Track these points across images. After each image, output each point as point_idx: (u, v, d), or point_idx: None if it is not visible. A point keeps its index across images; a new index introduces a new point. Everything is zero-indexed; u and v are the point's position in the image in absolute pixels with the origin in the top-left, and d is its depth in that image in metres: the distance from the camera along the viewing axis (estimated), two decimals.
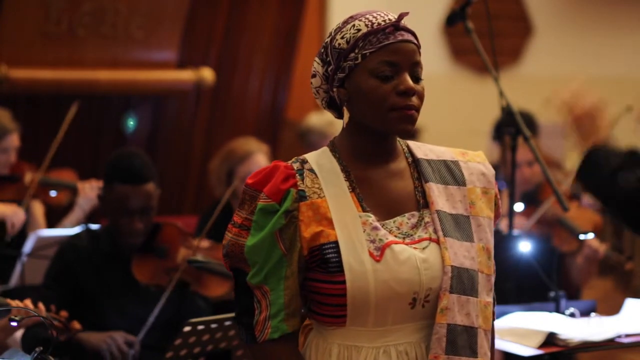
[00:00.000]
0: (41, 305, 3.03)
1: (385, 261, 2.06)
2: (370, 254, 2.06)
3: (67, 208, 4.74)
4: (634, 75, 8.77)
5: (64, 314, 3.16)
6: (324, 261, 2.06)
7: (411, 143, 2.22)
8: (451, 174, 2.19)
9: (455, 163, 2.20)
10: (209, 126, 6.22)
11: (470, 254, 2.12)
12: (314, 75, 2.18)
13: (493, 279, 2.17)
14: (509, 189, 3.85)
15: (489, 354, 2.14)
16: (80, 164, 5.26)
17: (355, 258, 2.05)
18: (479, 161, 2.23)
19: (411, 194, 2.15)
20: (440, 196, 2.14)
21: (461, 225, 2.14)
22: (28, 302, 2.94)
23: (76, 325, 3.18)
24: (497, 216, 2.22)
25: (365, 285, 2.04)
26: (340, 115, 2.20)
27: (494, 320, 2.19)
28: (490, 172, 2.23)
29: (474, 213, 2.16)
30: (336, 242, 2.06)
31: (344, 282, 2.05)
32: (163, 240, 3.72)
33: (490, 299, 2.15)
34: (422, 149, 2.21)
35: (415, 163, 2.18)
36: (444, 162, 2.20)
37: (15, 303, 2.86)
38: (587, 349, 3.19)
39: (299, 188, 2.10)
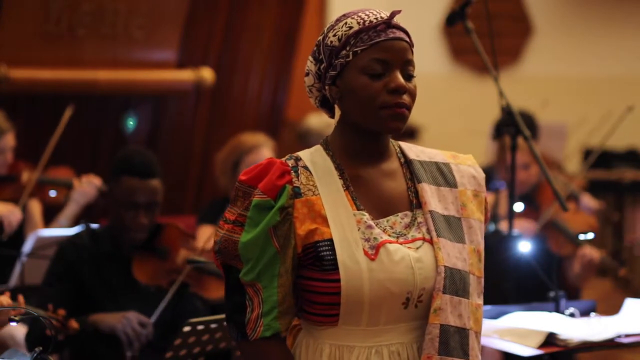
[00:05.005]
0: (20, 298, 3.04)
1: (380, 260, 2.05)
2: (365, 253, 2.05)
3: (64, 206, 4.73)
4: (634, 75, 8.77)
5: (61, 312, 3.16)
6: (318, 259, 2.05)
7: (403, 144, 2.21)
8: (443, 175, 2.19)
9: (447, 165, 2.21)
10: (208, 126, 6.23)
11: (462, 256, 2.12)
12: (307, 74, 2.17)
13: (483, 282, 2.17)
14: (509, 189, 3.84)
15: (479, 356, 2.14)
16: (79, 164, 5.26)
17: (350, 256, 2.04)
18: (470, 164, 2.24)
19: (404, 194, 2.15)
20: (432, 197, 2.14)
21: (453, 227, 2.14)
22: (2, 299, 2.94)
23: (73, 324, 3.18)
24: (486, 220, 2.22)
25: (359, 284, 2.03)
26: (333, 114, 2.19)
27: None
28: (481, 175, 2.23)
29: (465, 215, 2.16)
30: (331, 240, 2.05)
31: (338, 280, 2.03)
32: (164, 241, 3.72)
33: (481, 302, 2.15)
34: (414, 150, 2.21)
35: (407, 164, 2.18)
36: (436, 163, 2.20)
37: (6, 301, 2.86)
38: (587, 349, 3.18)
39: (294, 185, 2.08)
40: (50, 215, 4.78)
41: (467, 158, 2.25)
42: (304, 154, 2.16)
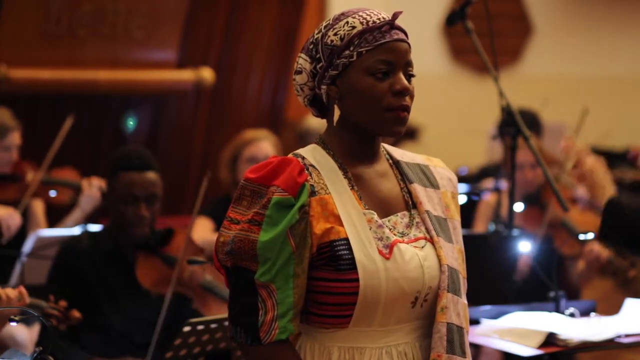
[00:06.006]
0: (22, 289, 3.06)
1: (394, 259, 2.04)
2: (380, 252, 2.04)
3: (69, 207, 4.74)
4: (634, 75, 8.77)
5: (62, 303, 3.17)
6: (333, 259, 2.02)
7: (386, 146, 2.22)
8: (426, 177, 2.20)
9: (427, 167, 2.22)
10: (208, 126, 6.23)
11: (454, 255, 2.14)
12: (299, 72, 2.14)
13: (466, 282, 2.17)
14: (509, 189, 3.84)
15: (470, 356, 2.15)
16: (80, 163, 5.26)
17: (366, 256, 2.03)
18: (443, 167, 2.25)
19: (399, 194, 2.15)
20: (424, 197, 2.15)
21: (443, 227, 2.15)
22: (10, 292, 2.95)
23: (75, 314, 3.18)
24: None
25: (377, 284, 2.02)
26: (320, 114, 2.18)
27: None
28: (454, 177, 2.25)
29: (449, 216, 2.18)
30: (347, 239, 2.03)
31: (356, 280, 2.01)
32: (173, 249, 3.69)
33: (466, 301, 2.16)
34: (398, 152, 2.22)
35: (396, 165, 2.19)
36: (418, 165, 2.21)
37: (13, 294, 2.89)
38: (587, 349, 3.18)
39: (310, 182, 2.06)
40: (52, 216, 4.79)
41: (438, 161, 2.27)
42: (305, 153, 2.13)
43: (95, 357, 3.47)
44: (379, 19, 2.09)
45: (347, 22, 2.09)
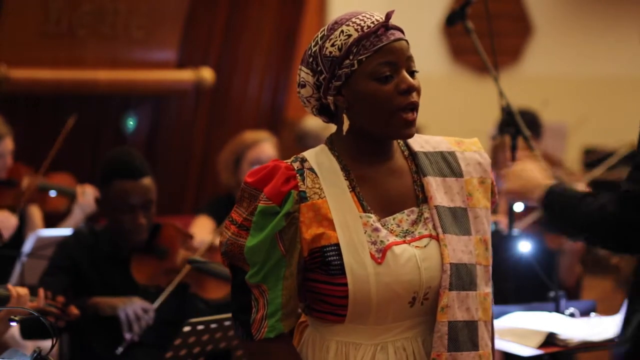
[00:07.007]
0: (41, 292, 3.06)
1: (386, 263, 2.05)
2: (372, 256, 2.05)
3: (64, 214, 4.73)
4: (634, 75, 8.77)
5: (60, 299, 3.16)
6: (324, 263, 2.06)
7: None
8: (448, 165, 2.18)
9: (452, 154, 2.19)
10: (208, 126, 6.23)
11: (468, 248, 2.12)
12: (302, 86, 2.15)
13: (490, 269, 2.17)
14: None
15: (489, 344, 2.15)
16: (79, 164, 5.26)
17: (357, 260, 2.05)
18: (475, 150, 2.22)
19: (410, 189, 2.15)
20: (438, 190, 2.14)
21: (459, 219, 2.13)
22: (21, 291, 2.95)
23: (74, 310, 3.18)
24: (493, 203, 2.22)
25: (367, 288, 2.04)
26: (331, 120, 2.18)
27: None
28: (486, 160, 2.21)
29: (471, 205, 2.16)
30: (337, 245, 2.06)
31: (345, 284, 2.05)
32: (163, 241, 3.71)
33: (489, 290, 2.15)
34: (418, 141, 2.20)
35: (412, 156, 2.18)
36: (441, 153, 2.19)
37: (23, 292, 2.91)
38: (587, 349, 3.18)
39: (300, 189, 2.09)
40: (49, 222, 4.78)
41: (472, 143, 2.23)
42: (309, 155, 2.16)
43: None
44: (372, 22, 2.08)
45: (342, 31, 2.09)
